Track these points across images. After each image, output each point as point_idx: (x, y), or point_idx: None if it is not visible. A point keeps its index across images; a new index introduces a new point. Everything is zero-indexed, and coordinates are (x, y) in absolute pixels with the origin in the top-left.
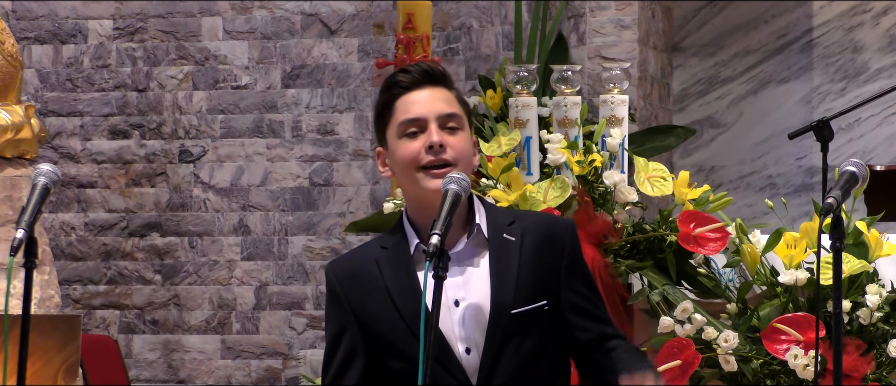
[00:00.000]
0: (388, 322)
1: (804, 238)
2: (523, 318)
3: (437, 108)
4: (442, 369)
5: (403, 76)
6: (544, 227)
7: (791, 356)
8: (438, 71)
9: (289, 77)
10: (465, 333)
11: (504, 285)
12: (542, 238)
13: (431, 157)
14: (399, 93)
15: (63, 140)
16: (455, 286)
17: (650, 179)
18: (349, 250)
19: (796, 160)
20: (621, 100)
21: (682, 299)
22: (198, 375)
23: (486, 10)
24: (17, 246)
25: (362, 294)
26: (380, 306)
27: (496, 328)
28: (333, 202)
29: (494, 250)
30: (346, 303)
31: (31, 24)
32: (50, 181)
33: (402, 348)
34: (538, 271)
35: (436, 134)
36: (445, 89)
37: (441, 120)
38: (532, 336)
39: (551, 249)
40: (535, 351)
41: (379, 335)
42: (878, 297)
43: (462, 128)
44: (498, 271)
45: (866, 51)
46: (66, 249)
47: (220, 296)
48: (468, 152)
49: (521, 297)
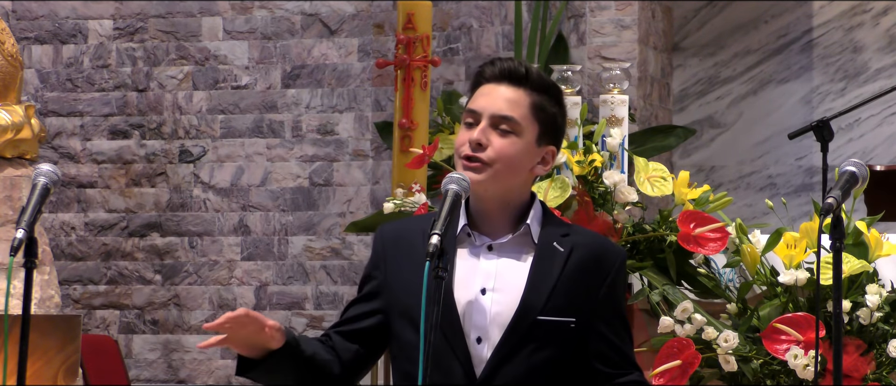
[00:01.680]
0: (415, 293)
1: (804, 238)
2: (547, 327)
3: (496, 107)
4: (449, 351)
5: (489, 67)
6: (595, 248)
7: (791, 356)
8: (522, 73)
9: (289, 77)
10: (480, 323)
11: (539, 290)
12: (591, 259)
13: (469, 152)
14: (481, 81)
15: (63, 140)
16: (486, 275)
17: (650, 179)
18: (407, 218)
19: (796, 160)
20: (621, 100)
21: (682, 299)
22: (198, 376)
23: (486, 11)
24: (17, 246)
25: (401, 260)
26: (412, 276)
27: (517, 328)
28: (333, 202)
29: (539, 254)
30: (383, 266)
31: (32, 24)
32: (50, 181)
33: (419, 320)
34: (576, 288)
35: (479, 131)
36: (522, 91)
37: (494, 119)
38: (550, 347)
39: (595, 272)
40: (548, 362)
41: (404, 303)
42: (878, 297)
43: (516, 133)
44: (536, 275)
45: (866, 51)
46: (67, 249)
47: (220, 296)
48: (515, 157)
49: (552, 306)
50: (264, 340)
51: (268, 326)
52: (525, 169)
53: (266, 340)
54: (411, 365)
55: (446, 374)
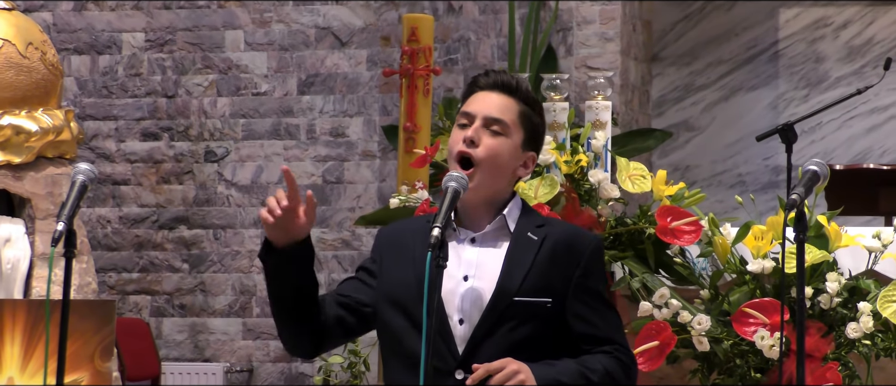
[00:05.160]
0: (404, 285)
1: (770, 231)
2: (523, 307)
3: (489, 110)
4: (436, 333)
5: (484, 78)
6: (568, 236)
7: (758, 338)
8: (513, 85)
9: (304, 85)
10: (463, 306)
11: (513, 274)
12: (563, 246)
13: (463, 148)
14: (475, 89)
15: (99, 141)
16: (469, 264)
17: (631, 177)
18: (403, 219)
19: (763, 160)
20: (605, 105)
21: (659, 286)
22: (221, 355)
23: (483, 25)
24: (58, 237)
25: (392, 259)
26: (402, 272)
27: (495, 309)
28: (344, 198)
29: (514, 242)
30: (379, 260)
31: (71, 36)
32: (87, 179)
33: (409, 308)
34: (550, 272)
35: (473, 130)
36: (512, 99)
37: (487, 121)
38: (527, 326)
39: (569, 257)
40: (525, 339)
41: (393, 295)
42: (838, 284)
43: (505, 134)
44: (511, 261)
45: (827, 61)
46: (102, 240)
47: (241, 283)
48: (502, 157)
49: (527, 289)
50: (297, 227)
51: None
52: (510, 169)
53: (298, 228)
54: (402, 348)
55: (433, 354)
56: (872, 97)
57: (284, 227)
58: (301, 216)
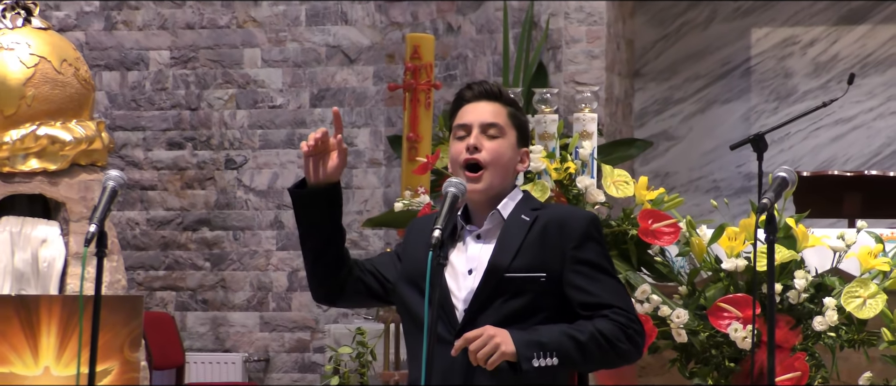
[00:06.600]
0: (416, 262)
1: (743, 232)
2: (515, 282)
3: (482, 117)
4: (443, 317)
5: (467, 91)
6: (562, 215)
7: (732, 330)
8: (495, 90)
9: (316, 98)
10: (465, 296)
11: (504, 252)
12: (555, 224)
13: (467, 156)
14: (462, 103)
15: (128, 150)
16: (472, 259)
17: (615, 183)
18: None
19: (737, 167)
20: (591, 117)
21: (641, 283)
22: (240, 345)
23: (480, 43)
24: (90, 238)
25: (412, 242)
26: (417, 253)
27: (487, 285)
28: (353, 202)
29: (506, 225)
30: (405, 245)
31: (102, 53)
32: (117, 184)
33: (416, 280)
34: (542, 249)
35: (474, 138)
36: (499, 104)
37: (483, 127)
38: (520, 298)
39: (562, 234)
40: (520, 311)
41: (410, 274)
42: (805, 281)
43: (502, 136)
44: (502, 241)
45: (795, 76)
46: (131, 240)
47: (259, 280)
48: (505, 156)
49: (518, 265)
50: (329, 168)
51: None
52: (512, 165)
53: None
54: (419, 320)
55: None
56: (837, 109)
57: (318, 165)
58: (333, 158)
